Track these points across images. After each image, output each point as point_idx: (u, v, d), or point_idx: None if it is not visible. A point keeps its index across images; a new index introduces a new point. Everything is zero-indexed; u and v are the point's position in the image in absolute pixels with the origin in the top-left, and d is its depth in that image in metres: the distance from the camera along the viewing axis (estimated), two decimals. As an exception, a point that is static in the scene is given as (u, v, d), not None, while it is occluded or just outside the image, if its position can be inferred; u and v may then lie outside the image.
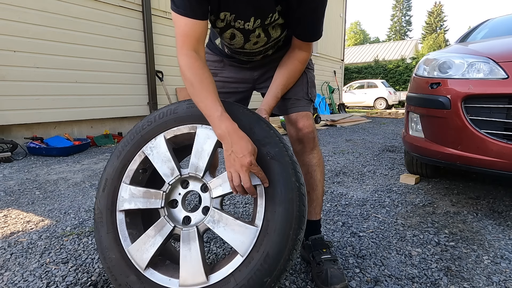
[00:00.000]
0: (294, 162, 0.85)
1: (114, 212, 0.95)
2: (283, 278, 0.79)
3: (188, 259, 0.83)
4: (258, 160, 0.83)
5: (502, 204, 1.92)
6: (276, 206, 0.80)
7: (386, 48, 26.34)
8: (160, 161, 0.94)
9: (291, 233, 0.78)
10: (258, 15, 0.95)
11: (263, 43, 1.07)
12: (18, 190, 2.23)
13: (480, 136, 1.62)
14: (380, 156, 3.44)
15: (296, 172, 0.84)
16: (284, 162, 0.83)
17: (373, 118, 8.75)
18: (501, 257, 1.32)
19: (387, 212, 1.81)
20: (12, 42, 3.56)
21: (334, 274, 1.05)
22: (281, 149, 0.85)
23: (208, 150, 0.89)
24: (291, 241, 0.77)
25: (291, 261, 0.78)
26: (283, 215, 0.79)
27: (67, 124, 4.21)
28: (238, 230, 0.82)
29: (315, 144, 1.19)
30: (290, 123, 1.19)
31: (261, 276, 0.76)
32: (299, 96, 1.18)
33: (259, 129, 0.87)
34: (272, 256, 0.76)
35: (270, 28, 1.02)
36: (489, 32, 2.67)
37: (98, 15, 4.34)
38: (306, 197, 0.85)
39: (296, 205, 0.80)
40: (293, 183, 0.81)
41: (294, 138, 1.19)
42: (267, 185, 0.83)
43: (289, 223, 0.78)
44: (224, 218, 0.84)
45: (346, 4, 11.88)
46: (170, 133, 0.95)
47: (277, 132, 0.90)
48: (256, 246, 0.79)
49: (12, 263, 1.26)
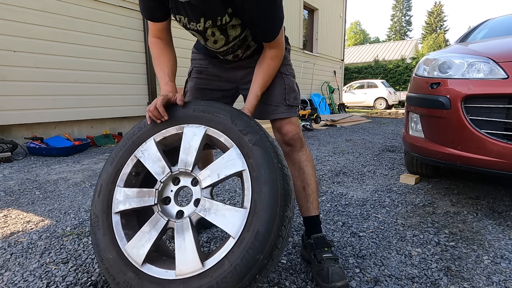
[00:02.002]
0: (275, 147, 0.91)
1: (110, 214, 0.99)
2: (276, 256, 0.81)
3: (183, 248, 0.86)
4: (242, 146, 0.90)
5: (502, 204, 1.92)
6: (261, 187, 0.84)
7: (386, 48, 26.34)
8: (152, 162, 1.00)
9: (278, 210, 0.82)
10: (207, 17, 1.00)
11: (224, 43, 1.10)
12: (18, 190, 2.23)
13: (480, 136, 1.62)
14: (380, 156, 3.44)
15: (278, 155, 0.89)
16: (265, 146, 0.89)
17: (373, 118, 8.75)
18: (501, 257, 1.32)
19: (387, 212, 1.81)
20: (12, 42, 3.55)
21: (335, 272, 1.06)
22: (262, 136, 0.91)
23: (195, 146, 0.96)
24: (279, 218, 0.81)
25: (280, 237, 0.81)
26: (269, 194, 0.83)
27: (67, 124, 4.21)
28: (228, 214, 0.86)
29: (302, 144, 1.27)
30: (275, 129, 1.27)
31: (253, 253, 0.78)
32: (278, 103, 1.23)
33: (240, 121, 0.95)
34: (262, 233, 0.80)
35: (229, 28, 1.05)
36: (489, 32, 2.67)
37: (98, 15, 4.33)
38: (290, 179, 0.90)
39: (280, 184, 0.84)
40: (275, 165, 0.86)
41: (281, 142, 1.27)
42: (163, 120, 1.01)
43: (275, 201, 0.82)
44: (214, 205, 0.89)
45: (346, 4, 11.87)
46: (159, 136, 1.02)
47: (257, 123, 0.97)
48: (246, 226, 0.82)
49: (12, 263, 1.26)
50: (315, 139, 4.73)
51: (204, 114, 0.99)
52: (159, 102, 0.99)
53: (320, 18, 10.13)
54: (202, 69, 1.32)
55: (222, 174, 0.90)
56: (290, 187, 0.87)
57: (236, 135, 0.92)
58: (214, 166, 0.92)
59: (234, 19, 1.02)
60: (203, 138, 0.96)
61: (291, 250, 1.37)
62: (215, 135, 0.96)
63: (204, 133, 0.97)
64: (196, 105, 1.02)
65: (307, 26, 9.96)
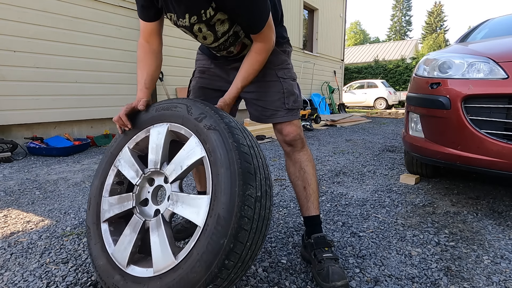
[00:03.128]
0: (232, 127, 0.89)
1: (99, 224, 1.05)
2: (245, 238, 0.78)
3: (157, 245, 0.87)
4: (199, 133, 0.90)
5: (502, 204, 1.92)
6: (219, 169, 0.83)
7: (386, 48, 26.34)
8: (127, 168, 1.05)
9: (237, 190, 0.79)
10: (191, 12, 1.01)
11: (213, 39, 1.11)
12: (18, 190, 2.23)
13: (480, 136, 1.62)
14: (380, 156, 3.44)
15: (234, 135, 0.86)
16: (220, 128, 0.87)
17: (373, 118, 8.75)
18: (501, 257, 1.32)
19: (387, 212, 1.81)
20: (12, 42, 3.55)
21: (335, 271, 1.06)
22: (216, 119, 0.90)
23: (161, 144, 0.98)
24: (239, 197, 0.78)
25: (246, 218, 0.78)
26: (225, 175, 0.81)
27: (67, 124, 4.21)
28: (193, 204, 0.86)
29: (303, 144, 1.28)
30: (276, 130, 1.29)
31: (217, 239, 0.77)
32: (277, 107, 1.23)
33: (195, 109, 0.95)
34: (224, 217, 0.78)
35: (218, 24, 1.06)
36: (489, 32, 2.67)
37: (98, 15, 4.33)
38: (257, 156, 0.88)
39: (237, 163, 0.81)
40: (231, 144, 0.84)
41: (282, 142, 1.28)
42: (128, 128, 1.06)
43: (233, 181, 0.80)
44: (181, 197, 0.90)
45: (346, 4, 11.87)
46: (132, 143, 1.07)
47: (213, 107, 0.96)
48: (209, 213, 0.81)
49: (12, 263, 1.26)
50: (315, 139, 4.73)
51: (165, 111, 1.01)
52: (122, 112, 1.05)
53: (320, 18, 10.13)
54: (205, 69, 1.33)
55: (185, 165, 0.91)
56: (254, 165, 0.84)
57: (193, 123, 0.92)
58: (177, 159, 0.93)
59: (220, 14, 1.02)
60: (166, 135, 0.98)
61: (291, 250, 1.37)
62: (177, 129, 0.97)
63: (167, 130, 0.98)
64: (158, 105, 1.05)
65: (307, 26, 9.96)
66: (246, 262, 0.82)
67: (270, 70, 1.22)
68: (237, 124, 0.93)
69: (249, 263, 0.84)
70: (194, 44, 5.77)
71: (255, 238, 0.82)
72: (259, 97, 1.25)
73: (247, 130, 0.94)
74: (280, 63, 1.24)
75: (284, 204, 1.95)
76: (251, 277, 1.16)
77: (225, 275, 0.78)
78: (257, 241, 0.83)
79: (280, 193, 2.15)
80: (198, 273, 0.77)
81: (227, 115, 0.95)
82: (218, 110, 0.95)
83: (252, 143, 0.90)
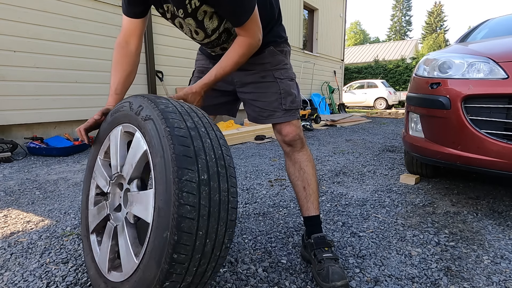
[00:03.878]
0: (167, 112, 0.82)
1: (89, 236, 1.07)
2: (193, 227, 0.71)
3: (123, 248, 0.87)
4: (140, 127, 0.86)
5: (502, 204, 1.92)
6: (154, 159, 0.78)
7: (386, 48, 26.34)
8: (100, 178, 1.06)
9: (172, 177, 0.72)
10: (177, 4, 1.01)
11: (204, 35, 1.11)
12: (18, 190, 2.23)
13: (480, 136, 1.62)
14: (380, 156, 3.44)
15: (167, 120, 0.79)
16: (154, 116, 0.82)
17: (373, 118, 8.75)
18: (501, 257, 1.32)
19: (387, 212, 1.81)
20: (12, 42, 3.55)
21: (335, 271, 1.06)
22: (151, 108, 0.84)
23: (118, 147, 0.98)
24: (176, 184, 0.71)
25: (187, 206, 0.71)
26: (160, 164, 0.75)
27: (67, 124, 4.21)
28: (142, 200, 0.82)
29: (303, 144, 1.28)
30: (275, 130, 1.29)
31: (160, 232, 0.72)
32: (274, 108, 1.23)
33: (135, 102, 0.91)
34: (163, 208, 0.72)
35: (207, 19, 1.05)
36: (489, 32, 2.67)
37: (98, 15, 4.33)
38: (191, 139, 0.79)
39: (171, 148, 0.74)
40: (164, 130, 0.77)
41: (282, 142, 1.28)
42: (88, 143, 1.09)
43: (168, 168, 0.73)
44: (134, 197, 0.87)
45: (346, 4, 11.87)
46: (102, 153, 1.08)
47: (152, 96, 0.90)
48: (154, 206, 0.76)
49: (12, 263, 1.26)
50: (315, 139, 4.73)
51: (116, 114, 0.99)
52: (82, 126, 1.06)
53: (320, 18, 10.13)
54: (204, 68, 1.33)
55: (134, 162, 0.88)
56: (194, 147, 0.77)
57: (134, 118, 0.88)
58: (128, 158, 0.91)
59: (206, 6, 1.01)
60: (121, 137, 0.97)
61: (291, 250, 1.37)
62: (128, 129, 0.94)
63: (121, 132, 0.96)
64: (113, 109, 1.04)
65: (307, 26, 9.96)
66: (209, 253, 0.76)
67: (267, 71, 1.22)
68: (178, 107, 0.85)
69: (216, 253, 0.78)
70: (194, 44, 5.76)
71: (212, 226, 0.74)
72: (256, 98, 1.25)
73: (195, 111, 0.88)
74: (277, 63, 1.23)
75: (284, 204, 1.95)
76: (251, 277, 1.16)
77: (181, 270, 0.72)
78: (218, 229, 0.75)
79: (280, 193, 2.15)
80: (151, 271, 0.74)
81: (166, 100, 0.87)
82: (156, 98, 0.88)
83: (197, 124, 0.83)
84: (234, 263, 1.26)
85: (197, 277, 0.78)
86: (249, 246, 1.40)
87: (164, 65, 5.22)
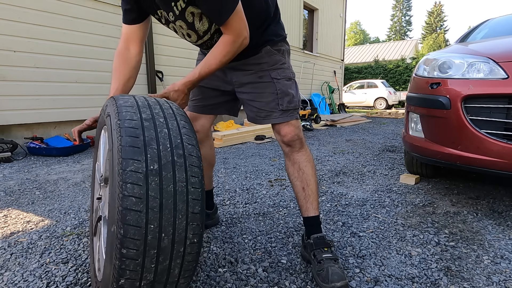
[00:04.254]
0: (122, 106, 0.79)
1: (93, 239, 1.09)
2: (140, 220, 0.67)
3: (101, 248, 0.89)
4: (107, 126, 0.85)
5: (502, 204, 1.92)
6: (109, 153, 0.77)
7: (386, 48, 26.33)
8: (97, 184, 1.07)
9: (117, 168, 0.69)
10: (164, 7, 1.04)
11: (196, 37, 1.13)
12: (18, 190, 2.23)
13: (480, 136, 1.62)
14: (380, 156, 3.44)
15: (120, 113, 0.77)
16: (111, 111, 0.80)
17: (373, 118, 8.75)
18: (501, 257, 1.32)
19: (387, 212, 1.81)
20: (12, 42, 3.55)
21: (335, 272, 1.06)
22: (112, 105, 0.83)
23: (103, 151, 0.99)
24: (120, 176, 0.68)
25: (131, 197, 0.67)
26: (109, 157, 0.74)
27: (67, 124, 4.21)
28: (105, 198, 0.86)
29: (302, 145, 1.27)
30: (274, 131, 1.28)
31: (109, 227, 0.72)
32: (271, 108, 1.22)
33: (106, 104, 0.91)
34: (110, 202, 0.72)
35: (197, 21, 1.06)
36: (489, 32, 2.67)
37: (98, 15, 4.33)
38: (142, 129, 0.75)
39: (118, 140, 0.72)
40: (115, 124, 0.75)
41: (281, 142, 1.28)
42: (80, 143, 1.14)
43: (114, 160, 0.71)
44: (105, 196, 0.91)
45: (346, 4, 11.87)
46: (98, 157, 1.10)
47: (119, 96, 0.88)
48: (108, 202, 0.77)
49: (12, 263, 1.26)
50: (315, 139, 4.73)
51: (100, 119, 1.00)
52: (76, 128, 1.10)
53: (320, 18, 10.13)
54: None
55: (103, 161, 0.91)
56: (144, 137, 0.73)
57: (103, 118, 0.90)
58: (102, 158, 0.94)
59: (192, 7, 1.02)
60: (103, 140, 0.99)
61: (291, 250, 1.37)
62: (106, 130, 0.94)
63: (105, 136, 0.98)
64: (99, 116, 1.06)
65: (307, 26, 9.96)
66: (169, 249, 0.70)
67: (264, 71, 1.21)
68: (140, 101, 0.83)
69: (178, 249, 0.72)
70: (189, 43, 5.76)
71: (167, 219, 0.69)
72: (253, 98, 1.24)
73: (159, 104, 0.85)
74: (274, 63, 1.22)
75: (284, 204, 1.95)
76: (251, 277, 1.16)
77: (134, 266, 0.68)
78: (175, 222, 0.70)
79: (280, 193, 2.15)
80: (107, 268, 0.73)
81: (130, 97, 0.85)
82: (121, 96, 0.86)
83: (156, 115, 0.79)
84: (234, 263, 1.26)
85: (161, 275, 0.72)
86: (249, 246, 1.40)
87: (164, 65, 5.22)
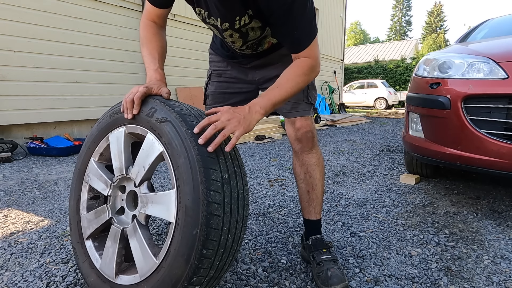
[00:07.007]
0: (184, 115, 0.84)
1: (83, 242, 1.04)
2: (218, 224, 0.76)
3: (138, 250, 0.87)
4: (153, 129, 0.86)
5: (502, 204, 1.92)
6: (177, 160, 0.80)
7: (386, 48, 26.33)
8: (96, 181, 1.03)
9: (199, 177, 0.76)
10: (223, 17, 0.97)
11: (241, 43, 1.08)
12: (18, 190, 2.23)
13: (480, 136, 1.61)
14: (380, 156, 3.44)
15: (187, 122, 0.82)
16: (172, 119, 0.83)
17: (373, 118, 8.75)
18: (501, 257, 1.32)
19: (387, 212, 1.81)
20: (12, 42, 3.55)
21: (334, 274, 1.05)
22: (167, 110, 0.86)
23: (121, 149, 0.96)
24: (203, 184, 0.76)
25: (214, 204, 0.76)
26: (185, 165, 0.78)
27: (67, 124, 4.21)
28: (161, 201, 0.84)
29: (314, 144, 1.20)
30: (289, 123, 1.21)
31: (189, 230, 0.75)
32: (299, 100, 1.16)
33: (145, 105, 0.91)
34: (191, 207, 0.76)
35: (251, 31, 1.02)
36: (489, 32, 2.67)
37: (98, 15, 4.34)
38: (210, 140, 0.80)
39: (194, 149, 0.78)
40: (185, 132, 0.80)
41: (293, 138, 1.20)
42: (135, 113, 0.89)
43: (194, 168, 0.77)
44: (149, 198, 0.88)
45: (346, 4, 11.87)
46: (96, 154, 1.05)
47: (162, 99, 0.90)
48: (178, 206, 0.79)
49: (12, 263, 1.26)
50: (315, 139, 4.73)
51: (118, 115, 0.97)
52: (138, 94, 0.89)
53: (320, 18, 10.13)
54: (221, 72, 1.27)
55: (147, 164, 0.89)
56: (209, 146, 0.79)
57: (145, 120, 0.89)
58: (139, 160, 0.91)
59: (254, 22, 0.97)
60: (125, 138, 0.96)
61: (291, 250, 1.37)
62: (134, 130, 0.94)
63: (125, 133, 0.96)
64: (111, 110, 1.02)
65: (307, 26, 9.95)
66: (229, 247, 0.81)
67: None
68: (192, 110, 0.89)
69: (234, 247, 0.82)
70: (194, 44, 5.76)
71: (233, 222, 0.80)
72: None
73: (203, 116, 0.90)
74: None
75: (284, 204, 1.95)
76: (251, 277, 1.16)
77: (207, 264, 0.77)
78: (236, 224, 0.81)
79: (280, 193, 2.15)
80: (179, 268, 0.76)
81: (179, 103, 0.90)
82: (168, 101, 0.88)
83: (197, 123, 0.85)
84: (234, 263, 1.26)
85: (218, 271, 0.82)
86: (249, 246, 1.40)
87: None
